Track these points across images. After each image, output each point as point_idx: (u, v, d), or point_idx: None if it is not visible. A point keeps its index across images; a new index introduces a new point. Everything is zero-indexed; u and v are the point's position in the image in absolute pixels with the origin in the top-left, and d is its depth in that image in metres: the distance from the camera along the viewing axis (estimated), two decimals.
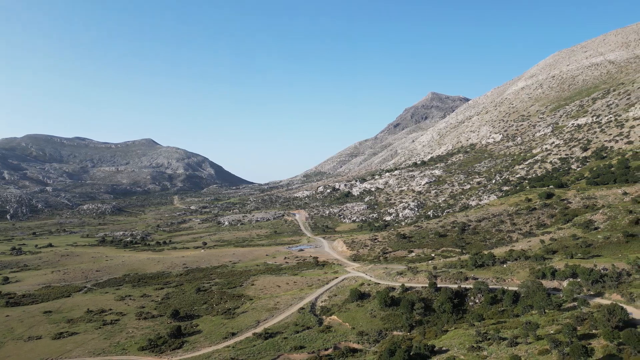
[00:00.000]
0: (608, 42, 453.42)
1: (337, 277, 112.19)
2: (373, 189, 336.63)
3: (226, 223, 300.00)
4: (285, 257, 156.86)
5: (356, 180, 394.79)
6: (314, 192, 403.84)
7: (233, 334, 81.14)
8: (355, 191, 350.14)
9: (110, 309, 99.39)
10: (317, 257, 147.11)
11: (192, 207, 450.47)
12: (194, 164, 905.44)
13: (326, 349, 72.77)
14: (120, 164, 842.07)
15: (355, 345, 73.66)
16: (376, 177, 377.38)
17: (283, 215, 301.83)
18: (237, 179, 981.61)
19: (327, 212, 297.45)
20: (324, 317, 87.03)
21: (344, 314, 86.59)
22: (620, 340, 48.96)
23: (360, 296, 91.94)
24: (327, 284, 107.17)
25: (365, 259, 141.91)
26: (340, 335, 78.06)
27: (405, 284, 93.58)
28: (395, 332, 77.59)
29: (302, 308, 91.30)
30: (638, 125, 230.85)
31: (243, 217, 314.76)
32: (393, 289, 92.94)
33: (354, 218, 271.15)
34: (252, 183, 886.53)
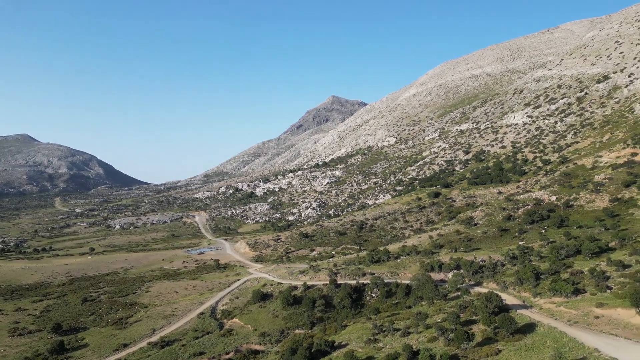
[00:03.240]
0: (486, 57, 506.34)
1: (239, 279, 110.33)
2: (277, 190, 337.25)
3: (117, 227, 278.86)
4: (184, 261, 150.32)
5: (260, 181, 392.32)
6: (215, 192, 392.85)
7: (125, 345, 75.62)
8: (259, 191, 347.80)
9: None
10: (219, 260, 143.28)
11: (77, 210, 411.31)
12: (80, 163, 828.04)
13: (227, 353, 71.14)
14: None
15: (257, 347, 73.05)
16: (280, 177, 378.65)
17: (181, 217, 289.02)
18: (130, 179, 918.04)
19: (230, 213, 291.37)
20: (225, 320, 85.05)
21: (245, 316, 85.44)
22: (496, 324, 54.84)
23: (263, 297, 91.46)
24: (228, 286, 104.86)
25: (268, 260, 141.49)
26: (242, 337, 76.84)
27: (307, 283, 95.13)
28: (297, 331, 78.44)
29: (202, 313, 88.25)
30: (510, 131, 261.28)
31: (137, 220, 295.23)
32: (295, 288, 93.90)
33: (258, 219, 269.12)
34: (146, 183, 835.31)
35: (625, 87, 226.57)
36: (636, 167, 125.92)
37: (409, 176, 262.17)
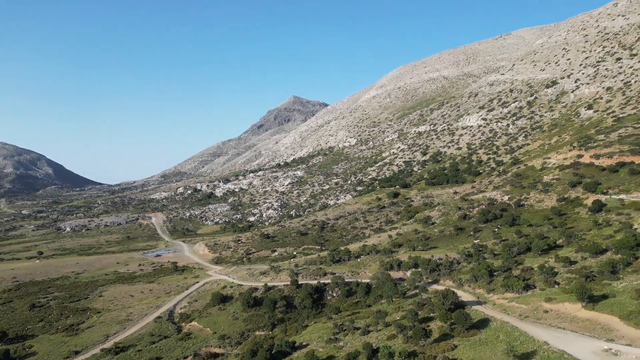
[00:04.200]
0: (443, 60, 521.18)
1: (198, 282, 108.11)
2: (237, 190, 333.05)
3: (68, 229, 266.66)
4: (140, 264, 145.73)
5: (219, 181, 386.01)
6: (173, 193, 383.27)
7: (76, 353, 72.45)
8: (219, 192, 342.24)
9: None
10: (177, 262, 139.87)
11: (24, 212, 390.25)
12: (27, 162, 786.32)
13: (185, 357, 69.62)
14: None
15: (217, 350, 71.86)
16: (240, 177, 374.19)
17: (137, 219, 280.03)
18: (82, 179, 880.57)
19: (188, 214, 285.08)
20: (183, 324, 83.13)
21: (205, 319, 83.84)
22: (453, 320, 56.47)
23: (223, 299, 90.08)
24: (187, 289, 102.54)
25: (228, 261, 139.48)
26: (200, 341, 75.33)
27: (269, 284, 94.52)
28: (257, 332, 77.77)
29: (159, 317, 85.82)
30: (465, 133, 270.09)
31: (89, 221, 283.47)
32: (256, 289, 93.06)
33: (217, 220, 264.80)
34: (100, 184, 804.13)
35: (572, 92, 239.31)
36: (582, 168, 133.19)
37: (369, 176, 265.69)
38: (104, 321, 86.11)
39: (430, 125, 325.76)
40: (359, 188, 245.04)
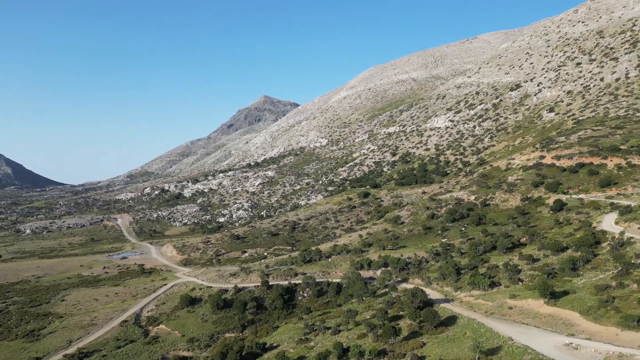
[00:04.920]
0: (412, 63, 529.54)
1: (166, 284, 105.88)
2: (206, 190, 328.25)
3: (28, 231, 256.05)
4: (105, 267, 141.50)
5: (188, 181, 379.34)
6: (139, 193, 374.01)
7: (37, 359, 69.65)
8: (187, 192, 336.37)
9: None
10: (143, 265, 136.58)
11: None
12: None
13: None
14: None
15: (185, 353, 70.61)
16: (210, 177, 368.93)
17: (102, 220, 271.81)
18: (43, 179, 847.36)
19: (155, 215, 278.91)
20: (150, 327, 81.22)
21: (173, 322, 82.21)
22: (421, 318, 57.45)
23: (191, 301, 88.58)
24: (154, 292, 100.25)
25: (197, 263, 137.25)
26: (168, 344, 73.80)
27: (239, 285, 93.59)
28: (227, 335, 76.85)
29: (125, 321, 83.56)
30: (433, 134, 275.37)
31: (51, 223, 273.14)
32: (226, 291, 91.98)
33: (186, 221, 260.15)
34: (62, 184, 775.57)
35: (535, 95, 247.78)
36: (544, 169, 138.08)
37: (340, 177, 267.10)
38: (67, 326, 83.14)
39: (399, 126, 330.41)
40: (330, 188, 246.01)
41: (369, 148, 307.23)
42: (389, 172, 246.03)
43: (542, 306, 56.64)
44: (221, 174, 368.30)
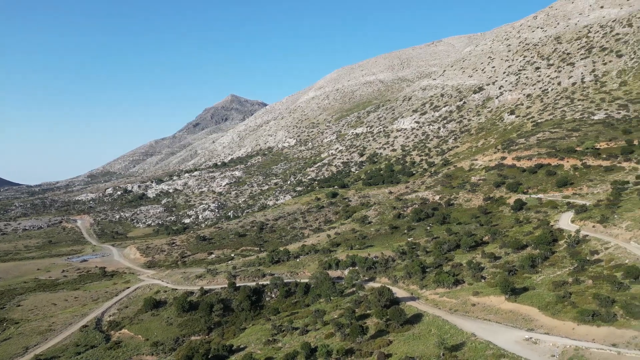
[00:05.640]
0: (379, 64, 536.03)
1: (129, 287, 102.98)
2: (171, 191, 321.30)
3: None
4: (64, 270, 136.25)
5: (152, 181, 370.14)
6: (101, 194, 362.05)
7: None
8: (151, 193, 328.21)
9: None
10: (105, 267, 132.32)
11: None
12: None
13: None
14: None
15: (149, 358, 68.91)
16: (175, 178, 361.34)
17: (61, 222, 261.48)
18: None
19: (118, 216, 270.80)
20: (112, 332, 78.81)
21: (136, 326, 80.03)
22: (388, 317, 58.21)
23: (156, 304, 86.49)
24: (116, 295, 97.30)
25: (162, 265, 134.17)
26: (131, 349, 71.80)
27: (205, 287, 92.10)
28: (193, 337, 75.49)
29: (86, 326, 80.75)
30: (400, 135, 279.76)
31: (5, 225, 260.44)
32: (192, 293, 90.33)
33: (150, 222, 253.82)
34: (17, 184, 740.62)
35: (496, 98, 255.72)
36: (505, 170, 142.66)
37: (309, 177, 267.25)
38: (23, 332, 79.54)
39: (367, 127, 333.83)
40: (299, 188, 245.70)
41: (337, 148, 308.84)
42: (356, 172, 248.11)
43: (504, 302, 58.47)
44: (187, 174, 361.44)
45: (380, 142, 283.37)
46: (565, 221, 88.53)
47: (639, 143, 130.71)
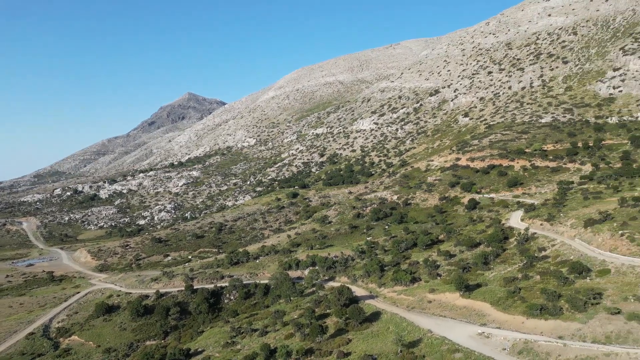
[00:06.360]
0: (338, 65, 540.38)
1: (79, 292, 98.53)
2: (125, 191, 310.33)
3: None
4: (8, 275, 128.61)
5: (104, 182, 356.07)
6: (49, 195, 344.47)
7: None
8: (104, 194, 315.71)
9: None
10: (53, 272, 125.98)
11: None
12: None
13: None
14: None
15: None
16: (129, 178, 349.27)
17: (4, 225, 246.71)
18: None
19: (67, 218, 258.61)
20: (61, 339, 75.21)
21: (87, 332, 76.74)
22: (347, 315, 58.72)
23: (108, 309, 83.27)
24: (65, 301, 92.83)
25: (115, 268, 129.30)
26: (82, 356, 68.82)
27: (161, 290, 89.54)
28: (148, 342, 73.20)
29: (32, 333, 76.59)
30: (359, 136, 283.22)
31: None
32: (147, 296, 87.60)
33: (102, 224, 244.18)
34: None
35: (452, 100, 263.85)
36: (459, 170, 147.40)
37: (269, 177, 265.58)
38: None
39: (327, 127, 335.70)
40: (259, 189, 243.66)
41: (298, 149, 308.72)
42: (317, 172, 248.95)
43: (458, 299, 60.36)
44: (141, 174, 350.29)
45: (340, 143, 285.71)
46: (515, 220, 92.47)
47: (583, 145, 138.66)
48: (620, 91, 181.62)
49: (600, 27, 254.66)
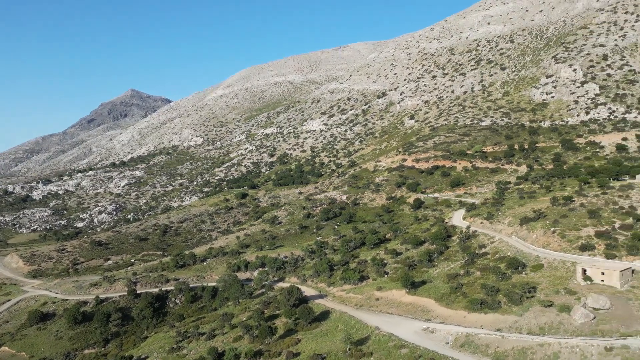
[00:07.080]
0: (288, 66, 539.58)
1: (9, 300, 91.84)
2: (61, 192, 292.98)
3: None
4: None
5: (38, 182, 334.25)
6: None
7: None
8: (37, 195, 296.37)
9: None
10: None
11: None
12: None
13: None
14: None
15: None
16: (65, 178, 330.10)
17: None
18: None
19: None
20: None
21: (19, 342, 71.79)
22: (297, 316, 58.74)
23: (43, 317, 78.29)
24: None
25: (50, 274, 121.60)
26: None
27: (101, 296, 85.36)
28: (87, 351, 69.59)
29: None
30: (309, 137, 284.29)
31: None
32: (85, 303, 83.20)
33: (36, 227, 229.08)
34: None
35: (398, 103, 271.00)
36: (405, 171, 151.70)
37: (217, 177, 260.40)
38: None
39: (277, 127, 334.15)
40: (206, 189, 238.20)
41: (247, 148, 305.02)
42: (267, 172, 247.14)
43: (404, 296, 62.09)
44: (80, 174, 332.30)
45: (290, 143, 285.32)
46: (457, 218, 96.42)
47: (519, 147, 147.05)
48: (553, 97, 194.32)
49: (535, 36, 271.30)
